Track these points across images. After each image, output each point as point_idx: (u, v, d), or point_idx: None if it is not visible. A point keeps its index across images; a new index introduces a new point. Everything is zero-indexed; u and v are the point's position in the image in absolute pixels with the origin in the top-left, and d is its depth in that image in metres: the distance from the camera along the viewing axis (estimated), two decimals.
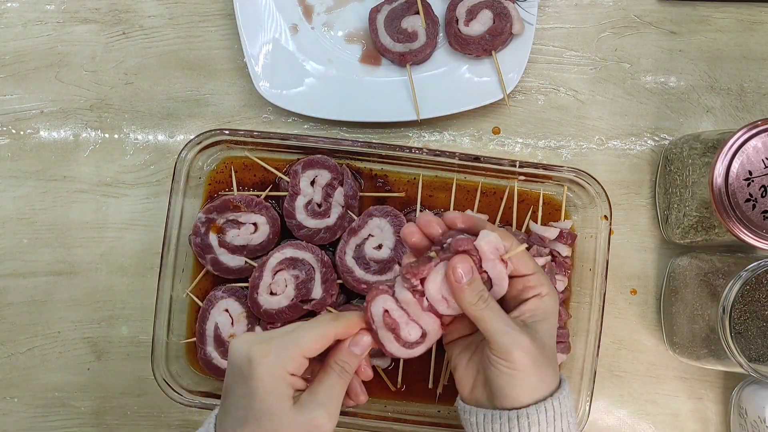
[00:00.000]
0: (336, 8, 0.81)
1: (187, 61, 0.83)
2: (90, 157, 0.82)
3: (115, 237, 0.82)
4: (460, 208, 0.79)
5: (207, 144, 0.76)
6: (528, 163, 0.75)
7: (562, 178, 0.76)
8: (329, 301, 0.75)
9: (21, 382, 0.81)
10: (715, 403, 0.81)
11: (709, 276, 0.72)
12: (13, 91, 0.82)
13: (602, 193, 0.74)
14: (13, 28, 0.83)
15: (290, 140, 0.75)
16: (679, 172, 0.75)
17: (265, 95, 0.79)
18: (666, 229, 0.79)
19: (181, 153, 0.74)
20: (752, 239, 0.64)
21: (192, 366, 0.78)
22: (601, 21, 0.83)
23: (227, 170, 0.79)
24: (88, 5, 0.83)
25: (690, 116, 0.82)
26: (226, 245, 0.76)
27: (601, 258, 0.75)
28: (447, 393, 0.78)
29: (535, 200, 0.79)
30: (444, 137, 0.82)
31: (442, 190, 0.79)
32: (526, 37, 0.78)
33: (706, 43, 0.82)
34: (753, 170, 0.64)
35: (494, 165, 0.75)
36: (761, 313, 0.68)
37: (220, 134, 0.75)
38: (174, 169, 0.74)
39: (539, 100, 0.82)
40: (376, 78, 0.81)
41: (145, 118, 0.82)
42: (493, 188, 0.79)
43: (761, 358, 0.68)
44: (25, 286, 0.82)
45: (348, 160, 0.78)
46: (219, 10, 0.83)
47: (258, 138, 0.75)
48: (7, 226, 0.82)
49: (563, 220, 0.77)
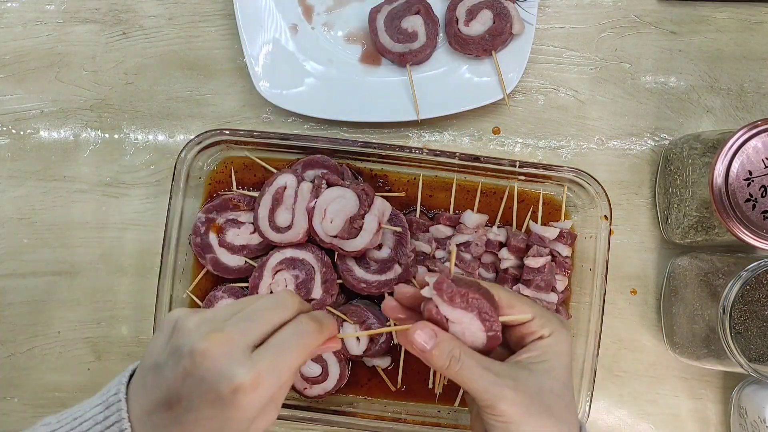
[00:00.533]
0: (336, 8, 0.81)
1: (187, 61, 0.83)
2: (90, 157, 0.82)
3: (115, 237, 0.82)
4: (460, 208, 0.79)
5: (207, 144, 0.76)
6: (528, 163, 0.75)
7: (562, 178, 0.76)
8: (329, 301, 0.75)
9: (21, 382, 0.81)
10: (715, 403, 0.81)
11: (709, 276, 0.72)
12: (13, 91, 0.82)
13: (602, 193, 0.74)
14: (13, 28, 0.83)
15: (290, 140, 0.75)
16: (679, 172, 0.75)
17: (265, 95, 0.79)
18: (666, 229, 0.79)
19: (181, 153, 0.74)
20: (752, 239, 0.64)
21: None
22: (601, 21, 0.83)
23: (227, 170, 0.79)
24: (88, 5, 0.83)
25: (690, 116, 0.82)
26: (226, 245, 0.76)
27: (601, 258, 0.75)
28: (447, 393, 0.78)
29: (535, 200, 0.79)
30: (444, 137, 0.82)
31: (442, 190, 0.79)
32: (526, 37, 0.78)
33: (706, 43, 0.82)
34: (753, 170, 0.64)
35: (494, 165, 0.75)
36: (761, 313, 0.68)
37: (220, 134, 0.75)
38: (174, 169, 0.74)
39: (539, 100, 0.82)
40: (376, 78, 0.81)
41: (145, 118, 0.82)
42: (493, 188, 0.79)
43: (761, 358, 0.68)
44: (25, 286, 0.81)
45: (348, 160, 0.78)
46: (219, 10, 0.83)
47: (258, 138, 0.75)
48: (7, 226, 0.82)
49: (563, 220, 0.77)
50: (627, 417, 0.81)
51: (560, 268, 0.76)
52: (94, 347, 0.81)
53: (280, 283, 0.74)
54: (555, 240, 0.75)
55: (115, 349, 0.81)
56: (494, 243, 0.76)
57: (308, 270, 0.75)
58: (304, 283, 0.74)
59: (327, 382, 0.76)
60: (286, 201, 0.74)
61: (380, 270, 0.75)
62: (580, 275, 0.78)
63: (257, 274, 0.74)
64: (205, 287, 0.78)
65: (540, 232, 0.75)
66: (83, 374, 0.81)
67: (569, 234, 0.76)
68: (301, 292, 0.74)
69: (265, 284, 0.74)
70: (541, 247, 0.75)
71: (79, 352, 0.81)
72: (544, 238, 0.75)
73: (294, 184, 0.74)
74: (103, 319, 0.81)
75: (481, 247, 0.76)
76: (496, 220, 0.79)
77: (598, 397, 0.78)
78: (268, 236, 0.74)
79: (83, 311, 0.81)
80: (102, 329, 0.81)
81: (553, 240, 0.75)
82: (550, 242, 0.75)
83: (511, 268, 0.76)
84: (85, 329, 0.81)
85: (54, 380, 0.81)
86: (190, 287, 0.77)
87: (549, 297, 0.74)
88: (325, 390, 0.76)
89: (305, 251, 0.75)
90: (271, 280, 0.75)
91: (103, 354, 0.81)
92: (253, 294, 0.74)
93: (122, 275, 0.81)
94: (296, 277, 0.74)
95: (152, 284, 0.75)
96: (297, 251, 0.75)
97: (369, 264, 0.76)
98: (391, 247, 0.76)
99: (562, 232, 0.75)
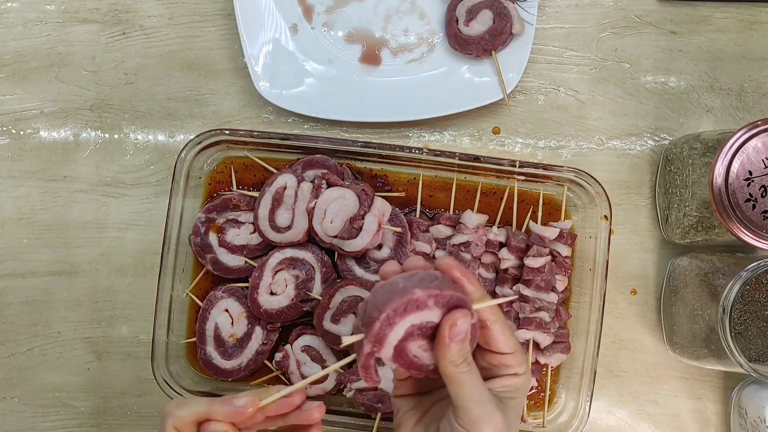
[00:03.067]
0: (336, 8, 0.81)
1: (187, 61, 0.83)
2: (90, 157, 0.82)
3: (115, 237, 0.82)
4: (460, 208, 0.79)
5: (207, 144, 0.76)
6: (528, 163, 0.75)
7: (562, 178, 0.76)
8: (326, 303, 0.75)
9: (21, 382, 0.81)
10: (715, 403, 0.81)
11: (709, 276, 0.72)
12: (13, 91, 0.82)
13: (602, 192, 0.74)
14: (13, 28, 0.83)
15: (290, 140, 0.75)
16: (679, 172, 0.75)
17: (265, 95, 0.79)
18: (666, 229, 0.79)
19: (181, 153, 0.74)
20: (752, 239, 0.64)
21: (192, 366, 0.78)
22: (601, 21, 0.83)
23: (227, 170, 0.79)
24: (88, 5, 0.83)
25: (690, 116, 0.82)
26: (226, 245, 0.76)
27: (601, 258, 0.75)
28: None
29: (535, 200, 0.79)
30: (444, 137, 0.82)
31: (442, 190, 0.79)
32: (526, 37, 0.78)
33: (706, 43, 0.82)
34: (753, 170, 0.64)
35: (494, 165, 0.75)
36: (761, 313, 0.68)
37: (220, 134, 0.75)
38: (174, 170, 0.74)
39: (539, 100, 0.82)
40: (376, 78, 0.81)
41: (145, 118, 0.82)
42: (493, 188, 0.79)
43: (761, 358, 0.68)
44: (25, 286, 0.81)
45: (348, 160, 0.78)
46: (219, 10, 0.83)
47: (258, 138, 0.75)
48: (7, 226, 0.82)
49: (563, 220, 0.77)
50: (627, 417, 0.81)
51: (560, 268, 0.76)
52: (94, 347, 0.81)
53: (280, 282, 0.74)
54: (555, 240, 0.75)
55: (115, 349, 0.81)
56: (494, 243, 0.76)
57: (308, 270, 0.75)
58: (304, 283, 0.74)
59: (327, 382, 0.76)
60: (286, 201, 0.74)
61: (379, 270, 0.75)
62: (580, 275, 0.78)
63: (257, 274, 0.74)
64: (205, 287, 0.78)
65: (540, 232, 0.75)
66: (83, 374, 0.81)
67: (569, 234, 0.76)
68: (301, 292, 0.74)
69: (265, 284, 0.74)
70: (541, 247, 0.75)
71: (79, 352, 0.81)
72: (544, 238, 0.75)
73: (294, 184, 0.74)
74: (103, 319, 0.81)
75: (481, 248, 0.76)
76: (497, 220, 0.79)
77: (598, 397, 0.78)
78: (268, 236, 0.74)
79: (83, 311, 0.81)
80: (102, 329, 0.81)
81: (553, 240, 0.75)
82: (550, 242, 0.75)
83: (511, 268, 0.76)
84: (85, 329, 0.81)
85: (54, 380, 0.81)
86: (190, 287, 0.77)
87: (549, 297, 0.74)
88: (325, 390, 0.76)
89: (305, 251, 0.75)
90: (271, 279, 0.75)
91: (103, 354, 0.81)
92: (253, 294, 0.74)
93: (122, 275, 0.81)
94: (296, 276, 0.74)
95: (152, 284, 0.75)
96: (297, 251, 0.75)
97: (369, 264, 0.76)
98: (391, 247, 0.76)
99: (562, 232, 0.75)
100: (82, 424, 0.81)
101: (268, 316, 0.75)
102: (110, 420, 0.81)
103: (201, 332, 0.76)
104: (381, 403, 0.73)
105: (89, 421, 0.81)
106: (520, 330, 0.74)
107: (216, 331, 0.76)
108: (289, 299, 0.74)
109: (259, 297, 0.74)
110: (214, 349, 0.76)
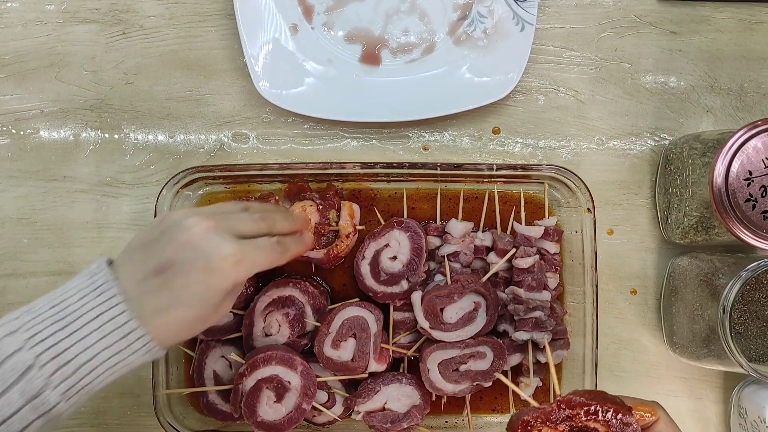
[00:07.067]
0: (336, 8, 0.81)
1: (187, 61, 0.83)
2: (90, 157, 0.82)
3: (115, 237, 0.82)
4: (445, 217, 0.79)
5: (184, 183, 0.76)
6: (505, 165, 0.76)
7: (542, 176, 0.76)
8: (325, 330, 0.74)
9: None
10: (715, 403, 0.81)
11: (709, 276, 0.72)
12: (13, 91, 0.82)
13: (582, 186, 0.74)
14: (13, 28, 0.83)
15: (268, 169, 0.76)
16: (679, 172, 0.75)
17: (265, 95, 0.79)
18: (666, 229, 0.79)
19: (162, 191, 0.75)
20: (752, 239, 0.64)
21: (195, 408, 0.78)
22: (601, 21, 0.83)
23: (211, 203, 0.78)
24: (88, 5, 0.83)
25: (690, 116, 0.82)
26: None
27: (589, 250, 0.75)
28: (452, 403, 0.78)
29: (518, 201, 0.79)
30: (444, 137, 0.82)
31: (424, 201, 0.79)
32: (526, 37, 0.78)
33: (706, 43, 0.82)
34: (753, 170, 0.64)
35: (473, 171, 0.76)
36: (761, 313, 0.68)
37: (196, 172, 0.75)
38: (155, 210, 0.75)
39: (539, 100, 0.82)
40: (376, 78, 0.81)
41: (145, 118, 0.82)
42: (474, 193, 0.79)
43: (761, 358, 0.68)
44: (25, 286, 0.81)
45: (329, 181, 0.78)
46: (219, 10, 0.83)
47: (235, 171, 0.76)
48: (7, 226, 0.82)
49: (547, 218, 0.77)
50: None
51: (550, 265, 0.75)
52: None
53: (273, 325, 0.74)
54: (541, 238, 0.75)
55: None
56: (481, 248, 0.77)
57: (298, 305, 0.74)
58: (296, 319, 0.74)
59: (335, 407, 0.76)
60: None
61: (388, 282, 0.75)
62: (572, 271, 0.78)
63: (248, 322, 0.74)
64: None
65: (525, 232, 0.75)
66: None
67: (555, 231, 0.76)
68: (296, 329, 0.74)
69: (259, 329, 0.74)
70: (528, 247, 0.74)
71: None
72: (529, 237, 0.75)
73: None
74: None
75: (470, 256, 0.76)
76: (480, 224, 0.79)
77: None
78: None
79: None
80: None
81: (540, 238, 0.75)
82: (536, 241, 0.75)
83: (501, 272, 0.76)
84: None
85: None
86: None
87: (542, 296, 0.73)
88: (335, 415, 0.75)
89: (290, 288, 0.75)
90: (263, 323, 0.74)
91: None
92: (248, 342, 0.74)
93: None
94: (287, 315, 0.74)
95: None
96: (281, 290, 0.74)
97: (380, 275, 0.76)
98: (404, 263, 0.75)
99: (547, 229, 0.75)
100: (82, 424, 0.81)
101: None
102: (110, 420, 0.81)
103: (200, 383, 0.75)
104: (391, 423, 0.73)
105: (89, 421, 0.81)
106: (518, 332, 0.74)
107: (216, 378, 0.76)
108: (285, 338, 0.74)
109: (255, 342, 0.74)
110: (217, 395, 0.75)
